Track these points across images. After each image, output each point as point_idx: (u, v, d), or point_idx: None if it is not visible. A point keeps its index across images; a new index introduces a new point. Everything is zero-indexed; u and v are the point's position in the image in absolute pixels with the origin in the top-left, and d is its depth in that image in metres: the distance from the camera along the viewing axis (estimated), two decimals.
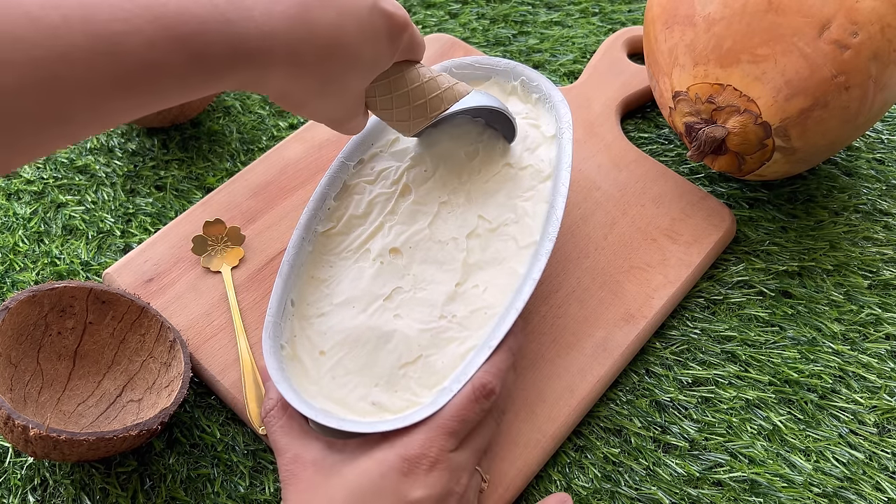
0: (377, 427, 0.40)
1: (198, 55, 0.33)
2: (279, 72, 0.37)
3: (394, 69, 0.45)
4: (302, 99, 0.40)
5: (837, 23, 0.47)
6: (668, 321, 0.54)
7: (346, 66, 0.40)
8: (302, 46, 0.37)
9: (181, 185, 0.61)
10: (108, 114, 0.32)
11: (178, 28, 0.32)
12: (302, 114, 0.43)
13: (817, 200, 0.60)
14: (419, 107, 0.46)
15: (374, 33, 0.40)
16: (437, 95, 0.47)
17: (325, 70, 0.39)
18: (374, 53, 0.41)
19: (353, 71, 0.41)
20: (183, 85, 0.34)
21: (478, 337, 0.44)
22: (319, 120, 0.44)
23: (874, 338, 0.53)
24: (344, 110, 0.44)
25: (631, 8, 0.73)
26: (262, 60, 0.35)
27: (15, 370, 0.46)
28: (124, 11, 0.31)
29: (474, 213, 0.49)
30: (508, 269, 0.47)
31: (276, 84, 0.38)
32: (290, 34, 0.36)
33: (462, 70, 0.55)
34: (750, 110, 0.50)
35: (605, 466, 0.48)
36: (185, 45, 0.32)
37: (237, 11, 0.34)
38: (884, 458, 0.48)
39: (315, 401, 0.43)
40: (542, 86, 0.53)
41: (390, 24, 0.41)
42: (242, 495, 0.47)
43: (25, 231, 0.58)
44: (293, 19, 0.36)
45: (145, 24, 0.31)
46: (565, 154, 0.49)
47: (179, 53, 0.32)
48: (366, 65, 0.41)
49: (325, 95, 0.41)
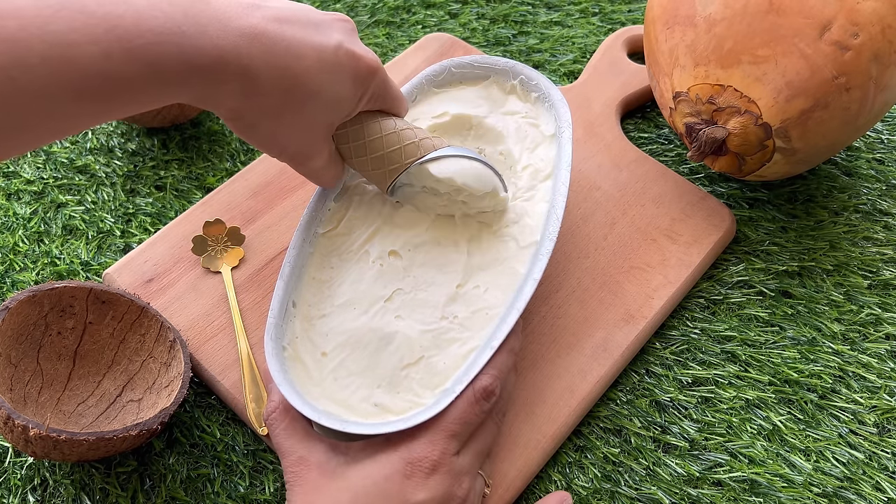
0: (380, 429, 0.40)
1: (152, 67, 0.33)
2: (232, 88, 0.37)
3: (362, 117, 0.44)
4: (255, 120, 0.40)
5: (838, 24, 0.47)
6: (668, 321, 0.54)
7: (305, 96, 0.39)
8: (257, 63, 0.37)
9: (181, 185, 0.61)
10: (64, 121, 0.33)
11: (134, 40, 0.32)
12: (255, 140, 0.41)
13: (817, 200, 0.60)
14: (378, 159, 0.45)
15: (338, 71, 0.40)
16: (398, 149, 0.45)
17: (282, 94, 0.38)
18: (336, 92, 0.41)
19: (313, 103, 0.40)
20: (138, 96, 0.34)
21: (479, 338, 0.44)
22: (274, 151, 0.43)
23: (874, 338, 0.53)
24: (302, 144, 0.42)
25: (631, 8, 0.73)
26: (215, 75, 0.36)
27: (15, 370, 0.46)
28: (81, 22, 0.31)
29: (474, 215, 0.49)
30: (509, 270, 0.47)
31: (229, 101, 0.38)
32: (244, 50, 0.36)
33: (461, 69, 0.55)
34: (750, 111, 0.50)
35: (605, 466, 0.48)
36: (140, 57, 0.33)
37: (193, 26, 0.35)
38: (884, 458, 0.48)
39: (318, 402, 0.43)
40: (542, 85, 0.53)
41: (357, 65, 0.41)
42: (242, 495, 0.47)
43: (25, 231, 0.58)
44: (249, 37, 0.36)
45: (102, 35, 0.32)
46: (565, 153, 0.49)
47: (134, 65, 0.33)
48: (327, 101, 0.41)
49: (281, 121, 0.40)
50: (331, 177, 0.46)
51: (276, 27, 0.38)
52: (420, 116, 0.53)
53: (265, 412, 0.44)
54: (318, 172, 0.45)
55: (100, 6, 0.32)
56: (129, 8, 0.33)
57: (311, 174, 0.45)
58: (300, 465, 0.41)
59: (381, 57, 0.69)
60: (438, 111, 0.53)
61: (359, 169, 0.46)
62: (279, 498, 0.47)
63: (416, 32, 0.71)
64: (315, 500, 0.39)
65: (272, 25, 0.38)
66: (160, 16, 0.33)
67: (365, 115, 0.45)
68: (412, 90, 0.54)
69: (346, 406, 0.43)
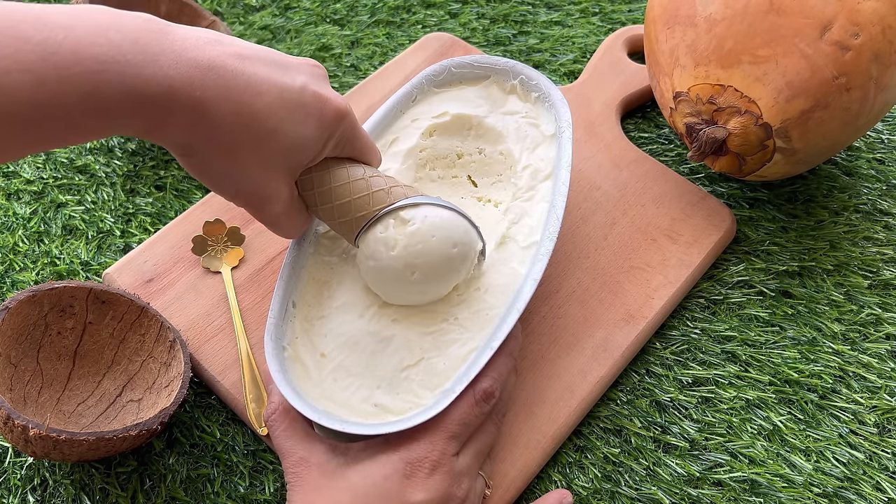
0: (380, 429, 0.40)
1: (91, 97, 0.32)
2: (182, 120, 0.35)
3: (328, 163, 0.42)
4: (207, 157, 0.37)
5: (839, 24, 0.47)
6: (669, 321, 0.54)
7: (264, 133, 0.37)
8: (210, 96, 0.34)
9: (181, 185, 0.61)
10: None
11: (72, 68, 0.31)
12: (207, 178, 0.39)
13: (817, 200, 0.60)
14: (344, 206, 0.42)
15: (302, 112, 0.38)
16: (367, 195, 0.42)
17: (238, 129, 0.36)
18: (299, 133, 0.38)
19: (272, 141, 0.37)
20: (77, 127, 0.32)
21: (479, 338, 0.44)
22: (229, 192, 0.39)
23: (874, 338, 0.53)
24: (258, 184, 0.39)
25: (631, 8, 0.73)
26: (163, 107, 0.34)
27: (15, 370, 0.46)
28: (13, 48, 0.30)
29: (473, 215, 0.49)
30: (509, 270, 0.47)
31: (178, 135, 0.35)
32: (198, 82, 0.34)
33: (461, 69, 0.55)
34: (751, 111, 0.50)
35: (606, 466, 0.48)
36: (78, 86, 0.31)
37: (142, 55, 0.33)
38: (884, 458, 0.48)
39: (318, 403, 0.43)
40: (542, 84, 0.53)
41: (322, 107, 0.39)
42: (242, 495, 0.47)
43: (25, 231, 0.58)
44: (205, 69, 0.34)
45: (36, 62, 0.30)
46: (565, 153, 0.49)
47: (71, 94, 0.31)
48: (288, 141, 0.38)
49: (236, 159, 0.37)
50: (292, 225, 0.43)
51: (237, 62, 0.35)
52: (420, 116, 0.53)
53: (265, 413, 0.44)
54: (278, 219, 0.41)
55: (37, 32, 0.30)
56: (69, 34, 0.31)
57: (271, 221, 0.42)
58: (300, 465, 0.41)
59: (381, 57, 0.69)
60: (438, 111, 0.53)
61: (324, 218, 0.43)
62: (279, 498, 0.47)
63: (416, 32, 0.71)
64: (315, 500, 0.39)
65: (232, 60, 0.35)
66: (104, 43, 0.32)
67: (332, 161, 0.42)
68: (412, 90, 0.54)
69: (346, 406, 0.43)
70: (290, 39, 0.71)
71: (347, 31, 0.72)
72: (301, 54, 0.69)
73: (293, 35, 0.71)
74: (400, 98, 0.53)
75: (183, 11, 0.64)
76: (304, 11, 0.73)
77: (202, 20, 0.64)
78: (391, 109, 0.53)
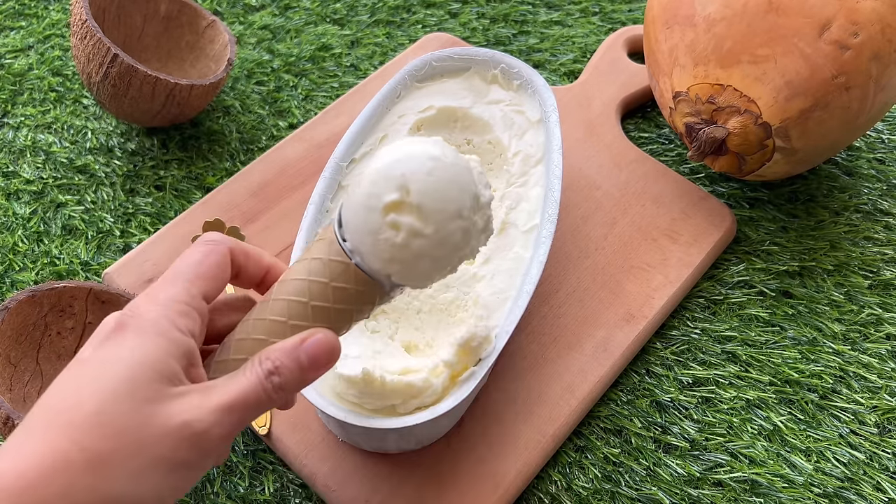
0: (379, 423, 0.41)
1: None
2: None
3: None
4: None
5: (838, 23, 0.47)
6: (669, 321, 0.54)
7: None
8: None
9: (181, 185, 0.61)
10: None
11: None
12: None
13: (818, 200, 0.60)
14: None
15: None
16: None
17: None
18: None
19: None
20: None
21: (496, 318, 0.45)
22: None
23: (875, 338, 0.53)
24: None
25: (631, 7, 0.73)
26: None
27: (14, 370, 0.46)
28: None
29: None
30: (513, 255, 0.47)
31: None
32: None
33: (442, 62, 0.55)
34: (750, 111, 0.50)
35: (606, 467, 0.48)
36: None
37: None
38: (884, 458, 0.48)
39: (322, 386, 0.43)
40: (523, 72, 0.53)
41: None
42: (242, 495, 0.47)
43: (25, 231, 0.58)
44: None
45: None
46: (554, 137, 0.50)
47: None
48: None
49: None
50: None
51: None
52: (406, 112, 0.53)
53: None
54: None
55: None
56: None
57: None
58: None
59: (381, 57, 0.69)
60: (423, 105, 0.53)
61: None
62: (279, 498, 0.47)
63: (416, 32, 0.71)
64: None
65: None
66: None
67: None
68: (395, 86, 0.54)
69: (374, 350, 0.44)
70: (289, 39, 0.71)
71: (347, 30, 0.72)
72: (301, 54, 0.69)
73: (293, 35, 0.71)
74: (384, 95, 0.53)
75: (183, 11, 0.64)
76: (304, 11, 0.73)
77: (202, 20, 0.64)
78: (377, 107, 0.53)
